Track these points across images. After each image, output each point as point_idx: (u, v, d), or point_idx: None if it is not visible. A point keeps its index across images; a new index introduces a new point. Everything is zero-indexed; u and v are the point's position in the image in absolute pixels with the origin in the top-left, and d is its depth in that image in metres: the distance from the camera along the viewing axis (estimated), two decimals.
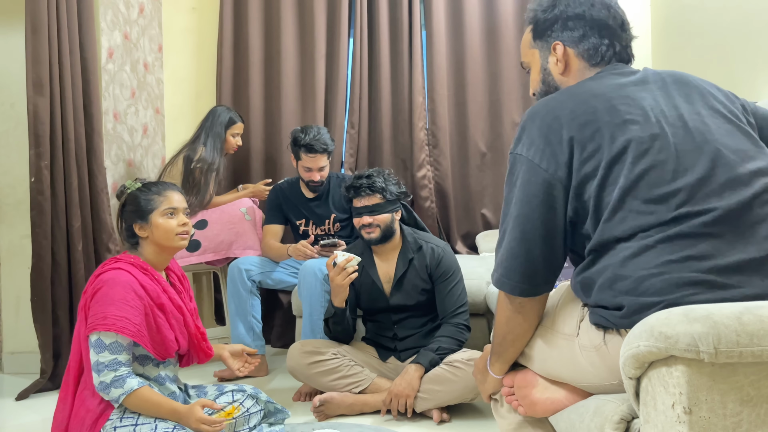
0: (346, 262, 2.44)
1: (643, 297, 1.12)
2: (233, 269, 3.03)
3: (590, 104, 1.25)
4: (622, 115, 1.22)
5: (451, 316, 2.51)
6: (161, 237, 1.99)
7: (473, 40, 3.71)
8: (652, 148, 1.19)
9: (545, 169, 1.25)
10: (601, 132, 1.22)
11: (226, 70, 3.76)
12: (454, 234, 3.74)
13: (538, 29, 1.45)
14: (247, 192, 3.46)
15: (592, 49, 1.38)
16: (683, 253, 1.12)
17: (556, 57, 1.41)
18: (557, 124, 1.25)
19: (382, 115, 3.71)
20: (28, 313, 2.82)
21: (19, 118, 3.19)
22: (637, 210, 1.17)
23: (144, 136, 3.63)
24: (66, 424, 1.91)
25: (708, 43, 3.26)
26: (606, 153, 1.20)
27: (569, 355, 1.30)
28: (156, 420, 1.86)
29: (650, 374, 1.03)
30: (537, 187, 1.25)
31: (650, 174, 1.18)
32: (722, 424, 0.96)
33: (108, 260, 1.98)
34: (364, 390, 2.48)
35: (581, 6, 1.39)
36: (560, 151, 1.24)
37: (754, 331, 0.94)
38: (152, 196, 2.01)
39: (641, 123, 1.21)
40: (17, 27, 3.01)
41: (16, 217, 3.21)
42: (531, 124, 1.30)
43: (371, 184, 2.54)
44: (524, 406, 1.43)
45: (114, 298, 1.85)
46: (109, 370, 1.83)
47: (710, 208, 1.14)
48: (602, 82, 1.31)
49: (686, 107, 1.26)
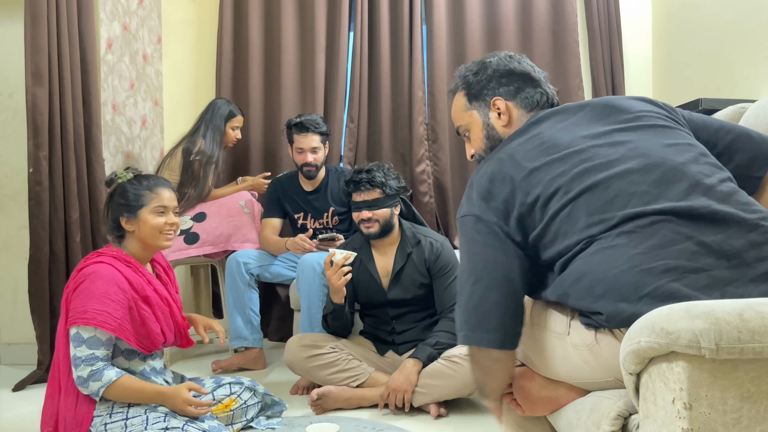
0: (344, 260, 2.44)
1: (621, 302, 1.14)
2: (231, 262, 3.03)
3: (510, 163, 1.35)
4: (545, 156, 1.32)
5: (450, 310, 2.51)
6: (147, 234, 1.96)
7: (474, 35, 3.70)
8: (581, 170, 1.27)
9: (488, 220, 1.34)
10: (530, 180, 1.31)
11: (226, 62, 3.75)
12: (453, 229, 3.74)
13: (472, 91, 1.53)
14: (246, 185, 3.45)
15: (528, 98, 1.49)
16: (647, 244, 1.16)
17: (498, 111, 1.50)
18: (490, 185, 1.36)
19: (381, 109, 3.71)
20: (26, 304, 2.82)
21: (17, 109, 3.18)
22: (585, 224, 1.23)
23: (143, 127, 3.62)
24: (55, 420, 1.89)
25: (708, 40, 3.26)
26: (539, 191, 1.30)
27: (563, 353, 1.31)
28: (147, 411, 1.85)
29: (650, 370, 1.03)
30: (487, 237, 1.33)
31: (586, 194, 1.25)
32: (722, 420, 0.96)
33: (90, 254, 1.96)
34: (362, 384, 2.48)
35: (508, 64, 1.51)
36: (497, 205, 1.34)
37: (756, 328, 0.94)
38: (143, 191, 1.96)
39: (563, 158, 1.31)
40: (16, 17, 3.00)
41: (14, 208, 3.20)
42: (470, 190, 1.40)
43: (371, 179, 2.54)
44: (523, 405, 1.43)
45: (95, 292, 1.82)
46: (86, 365, 1.81)
47: (654, 205, 1.18)
48: (529, 133, 1.40)
49: (603, 127, 1.34)
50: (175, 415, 1.88)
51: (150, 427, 1.81)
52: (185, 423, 1.85)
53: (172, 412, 1.88)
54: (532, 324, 1.43)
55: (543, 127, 1.39)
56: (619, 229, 1.19)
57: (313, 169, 3.07)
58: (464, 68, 1.57)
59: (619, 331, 1.17)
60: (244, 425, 2.20)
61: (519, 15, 3.71)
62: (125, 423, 1.84)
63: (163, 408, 1.88)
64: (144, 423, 1.82)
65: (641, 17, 3.85)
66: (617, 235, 1.18)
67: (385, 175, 2.58)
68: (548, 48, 3.70)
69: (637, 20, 3.85)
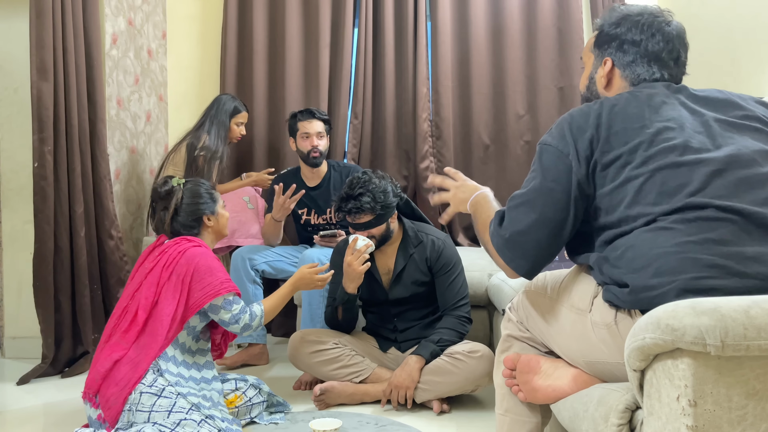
0: (366, 248, 2.41)
1: (652, 278, 1.14)
2: (236, 258, 3.03)
3: (617, 113, 1.33)
4: (642, 121, 1.30)
5: (453, 308, 2.51)
6: (223, 226, 2.33)
7: (479, 32, 3.69)
8: (669, 146, 1.25)
9: (568, 157, 1.32)
10: (618, 136, 1.30)
11: (231, 58, 3.75)
12: (456, 226, 3.74)
13: (599, 39, 1.51)
14: (250, 181, 3.45)
15: (637, 76, 1.44)
16: (703, 236, 1.15)
17: (603, 71, 1.49)
18: (585, 125, 1.33)
19: (385, 105, 3.70)
20: (30, 298, 2.83)
21: (22, 103, 3.18)
22: (652, 201, 1.22)
23: (147, 123, 3.63)
24: (102, 377, 2.00)
25: (713, 37, 3.25)
26: (623, 150, 1.28)
27: (581, 329, 1.32)
28: (177, 396, 1.96)
29: (655, 366, 1.03)
30: (561, 176, 1.33)
31: (664, 170, 1.23)
32: (727, 417, 0.96)
33: (179, 239, 2.20)
34: (365, 380, 2.48)
35: (641, 34, 1.45)
36: (583, 148, 1.32)
37: (762, 325, 0.94)
38: (212, 192, 2.32)
39: (659, 130, 1.28)
40: (21, 11, 3.00)
41: (18, 203, 3.21)
42: (563, 122, 1.38)
43: (359, 207, 2.42)
44: (525, 391, 1.44)
45: (217, 267, 2.14)
46: (242, 313, 2.14)
47: (726, 201, 1.17)
48: (636, 95, 1.37)
49: (710, 113, 1.32)
50: (199, 409, 1.96)
51: (172, 413, 1.92)
52: (203, 419, 1.93)
53: (196, 406, 1.96)
54: (552, 299, 1.44)
55: (656, 94, 1.36)
56: (682, 214, 1.18)
57: (318, 155, 3.08)
58: (608, 13, 1.53)
59: (637, 314, 1.17)
60: (247, 422, 2.22)
61: (524, 11, 3.70)
62: (156, 399, 1.95)
63: (192, 399, 1.98)
64: (170, 407, 1.94)
65: None
66: (677, 220, 1.18)
67: (374, 198, 2.42)
68: (553, 45, 3.68)
69: None
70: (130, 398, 1.94)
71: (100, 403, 1.98)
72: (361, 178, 2.48)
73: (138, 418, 1.92)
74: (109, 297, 3.02)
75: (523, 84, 3.70)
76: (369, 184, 2.45)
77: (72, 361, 2.90)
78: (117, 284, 3.02)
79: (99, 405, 1.99)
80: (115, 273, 3.04)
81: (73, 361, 2.91)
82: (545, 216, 1.32)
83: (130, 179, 3.46)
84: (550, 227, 1.33)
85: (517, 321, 1.57)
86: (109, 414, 1.95)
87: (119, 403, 1.94)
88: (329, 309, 2.60)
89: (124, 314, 2.10)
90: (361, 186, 2.44)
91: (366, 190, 2.43)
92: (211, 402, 2.04)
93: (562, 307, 1.39)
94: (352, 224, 2.49)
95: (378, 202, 2.42)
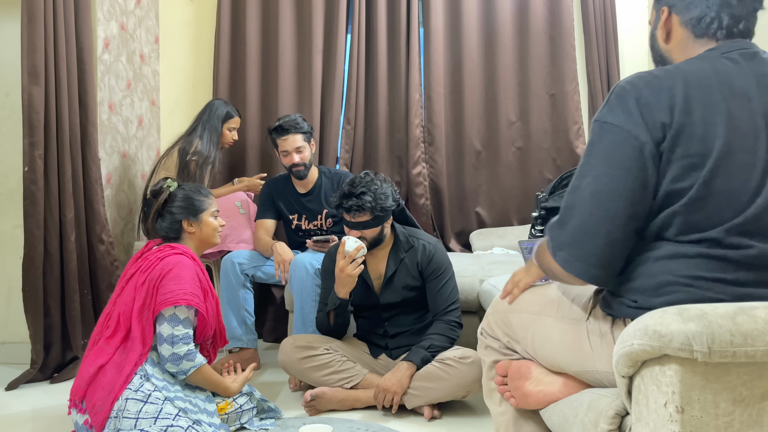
0: (356, 251, 2.39)
1: (657, 298, 1.13)
2: (226, 262, 3.03)
3: (693, 97, 1.15)
4: (714, 116, 1.14)
5: (443, 313, 2.51)
6: (208, 234, 2.26)
7: (471, 38, 3.71)
8: (730, 165, 1.12)
9: (638, 138, 1.14)
10: (695, 128, 1.13)
11: (223, 63, 3.75)
12: (448, 231, 3.74)
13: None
14: (241, 186, 3.45)
15: (696, 18, 1.26)
16: (717, 275, 1.11)
17: (662, 21, 1.32)
18: (657, 103, 1.15)
19: (378, 111, 3.71)
20: (20, 303, 2.81)
21: (13, 107, 3.17)
22: (695, 222, 1.13)
23: (139, 127, 3.62)
24: (87, 383, 1.99)
25: None
26: (690, 150, 1.13)
27: (573, 338, 1.31)
28: (164, 402, 1.95)
29: (643, 373, 1.04)
30: (630, 161, 1.14)
31: (718, 194, 1.12)
32: (714, 424, 0.97)
33: (163, 246, 2.17)
34: (356, 385, 2.47)
35: None
36: (656, 128, 1.14)
37: (748, 332, 0.95)
38: (203, 198, 2.27)
39: (729, 131, 1.13)
40: (13, 15, 3.00)
41: (8, 207, 3.19)
42: (626, 94, 1.18)
43: (360, 205, 2.41)
44: (516, 397, 1.44)
45: (186, 278, 2.07)
46: (184, 343, 2.04)
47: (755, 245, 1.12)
48: (707, 65, 1.20)
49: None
50: (186, 413, 1.95)
51: (159, 419, 1.91)
52: (190, 425, 1.92)
53: (183, 411, 1.95)
54: (532, 312, 1.43)
55: (735, 76, 1.17)
56: (712, 248, 1.12)
57: (302, 168, 3.06)
58: None
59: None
60: (237, 429, 2.21)
61: (516, 18, 3.72)
62: (142, 405, 1.94)
63: (179, 403, 1.97)
64: (157, 413, 1.93)
65: (638, 21, 3.86)
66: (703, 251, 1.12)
67: (376, 198, 2.42)
68: (545, 52, 3.70)
69: (633, 24, 3.87)
70: (116, 405, 1.93)
71: (87, 408, 1.98)
72: (365, 177, 2.49)
73: (124, 425, 1.92)
74: (99, 302, 3.00)
75: (515, 90, 3.72)
76: (372, 184, 2.46)
77: (61, 367, 2.88)
78: (107, 289, 3.01)
79: (86, 410, 1.98)
80: (106, 278, 3.02)
81: (63, 367, 2.89)
82: (618, 213, 1.14)
83: (121, 184, 3.45)
84: (621, 222, 1.14)
85: (498, 346, 1.56)
86: (96, 419, 1.94)
87: (106, 408, 1.93)
88: (321, 314, 2.60)
89: (108, 320, 2.11)
90: (364, 185, 2.45)
91: (368, 189, 2.44)
92: (197, 408, 2.03)
93: (546, 319, 1.38)
94: (348, 223, 2.48)
95: (378, 204, 2.43)
